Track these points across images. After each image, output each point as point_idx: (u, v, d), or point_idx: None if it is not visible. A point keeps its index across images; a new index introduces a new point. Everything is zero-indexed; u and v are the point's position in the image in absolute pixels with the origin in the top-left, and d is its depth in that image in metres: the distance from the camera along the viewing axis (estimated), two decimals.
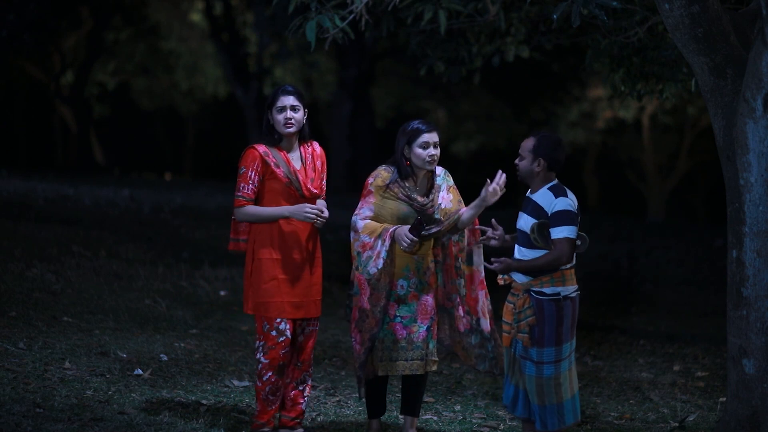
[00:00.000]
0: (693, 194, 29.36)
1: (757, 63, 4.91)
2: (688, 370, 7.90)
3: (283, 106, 5.18)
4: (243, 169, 5.16)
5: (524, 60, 9.54)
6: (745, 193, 5.05)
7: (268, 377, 5.16)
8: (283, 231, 5.17)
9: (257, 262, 5.17)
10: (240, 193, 5.15)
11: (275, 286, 5.13)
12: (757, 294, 5.05)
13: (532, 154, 4.93)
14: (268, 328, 5.15)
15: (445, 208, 5.25)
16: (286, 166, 5.18)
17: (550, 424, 4.89)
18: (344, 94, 21.42)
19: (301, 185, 5.19)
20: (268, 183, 5.17)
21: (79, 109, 25.02)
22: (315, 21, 6.20)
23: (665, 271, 14.45)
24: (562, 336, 4.86)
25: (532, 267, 4.86)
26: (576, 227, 4.86)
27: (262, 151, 5.17)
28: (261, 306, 5.14)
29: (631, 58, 7.63)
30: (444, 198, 5.27)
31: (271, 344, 5.14)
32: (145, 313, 8.28)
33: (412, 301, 5.19)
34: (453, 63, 8.62)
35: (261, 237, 5.18)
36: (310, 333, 5.31)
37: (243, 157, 5.19)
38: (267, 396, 5.18)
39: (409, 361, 5.19)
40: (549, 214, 4.85)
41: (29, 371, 6.03)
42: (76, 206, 13.76)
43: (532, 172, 4.94)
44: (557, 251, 4.81)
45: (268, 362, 5.14)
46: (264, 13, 17.15)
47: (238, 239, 5.33)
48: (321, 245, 5.41)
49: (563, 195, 4.88)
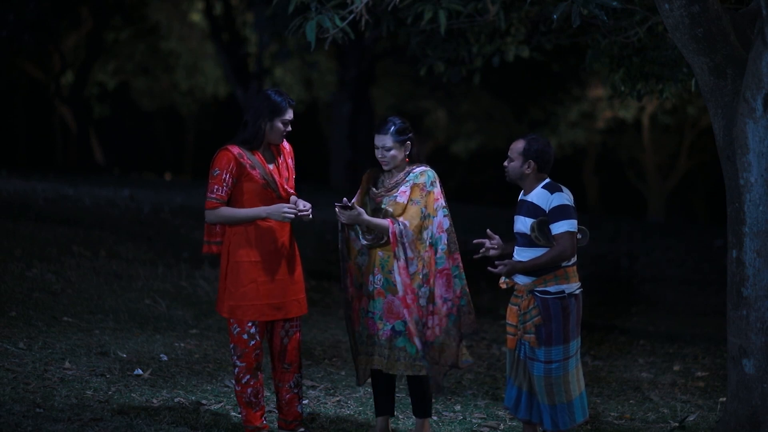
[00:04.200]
0: (693, 194, 29.37)
1: (757, 63, 4.91)
2: (688, 370, 7.90)
3: (289, 119, 5.12)
4: (217, 171, 5.03)
5: (524, 60, 9.54)
6: (745, 193, 5.06)
7: (247, 380, 5.11)
8: (259, 232, 5.07)
9: (233, 265, 5.08)
10: (213, 195, 5.02)
11: (253, 289, 5.05)
12: (757, 294, 5.05)
13: (522, 156, 4.96)
14: (239, 332, 5.08)
15: (399, 202, 5.17)
16: (262, 167, 5.08)
17: (562, 423, 4.91)
18: (344, 94, 21.40)
19: (277, 186, 5.11)
20: (245, 184, 5.06)
21: (79, 109, 25.01)
22: (315, 21, 6.20)
23: (665, 271, 14.45)
24: (569, 333, 4.89)
25: (536, 266, 4.86)
26: (576, 221, 4.87)
27: (237, 152, 5.06)
28: (237, 309, 5.06)
29: (631, 58, 7.64)
30: (402, 193, 5.18)
31: (243, 347, 5.08)
32: (145, 313, 8.28)
33: (378, 298, 5.18)
34: (453, 63, 8.63)
35: (237, 238, 5.08)
36: (293, 333, 5.22)
37: (217, 159, 5.06)
38: (250, 399, 5.14)
39: (380, 357, 5.19)
40: (547, 211, 4.86)
41: (29, 371, 6.03)
42: (76, 206, 13.76)
43: (522, 174, 4.98)
44: (560, 246, 4.82)
45: (245, 365, 5.09)
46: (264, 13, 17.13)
47: (211, 242, 5.19)
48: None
49: (558, 191, 4.91)
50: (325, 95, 25.34)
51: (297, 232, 5.36)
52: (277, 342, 5.22)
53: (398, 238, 5.07)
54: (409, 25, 7.72)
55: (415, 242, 5.10)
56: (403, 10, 7.39)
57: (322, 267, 11.10)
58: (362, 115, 21.51)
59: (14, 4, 16.19)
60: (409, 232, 5.09)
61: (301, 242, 5.53)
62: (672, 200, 27.95)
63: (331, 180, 21.89)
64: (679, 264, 14.98)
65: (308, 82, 25.77)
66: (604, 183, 30.31)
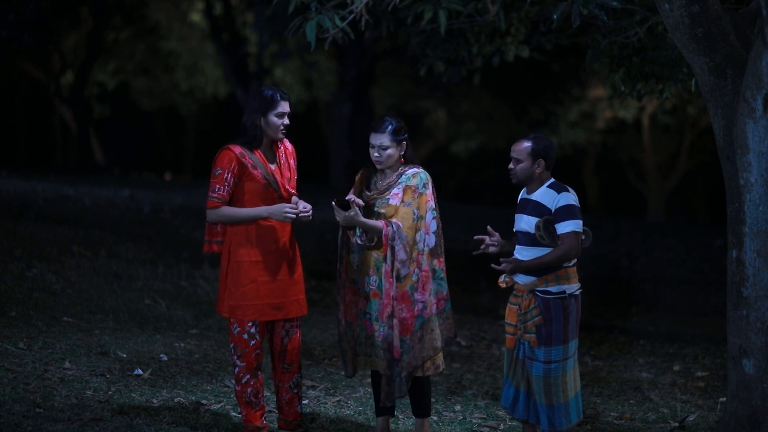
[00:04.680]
0: (693, 194, 29.37)
1: (757, 63, 4.91)
2: (688, 370, 7.90)
3: (284, 111, 5.11)
4: (219, 170, 5.04)
5: (524, 60, 9.54)
6: (745, 193, 5.06)
7: (247, 380, 5.12)
8: (260, 231, 5.08)
9: (234, 264, 5.08)
10: (215, 195, 5.03)
11: (254, 288, 5.06)
12: (757, 294, 5.05)
13: (531, 156, 4.94)
14: (239, 332, 5.08)
15: (391, 204, 5.17)
16: (264, 167, 5.09)
17: (558, 424, 4.92)
18: (344, 94, 21.40)
19: (279, 186, 5.11)
20: (246, 184, 5.06)
21: (79, 109, 25.00)
22: (315, 21, 6.20)
23: (665, 271, 14.45)
24: (569, 334, 4.90)
25: (540, 265, 4.86)
26: (581, 221, 4.88)
27: (238, 152, 5.06)
28: (238, 309, 5.07)
29: (631, 58, 7.64)
30: (395, 195, 5.18)
31: (244, 347, 5.09)
32: (145, 313, 8.28)
33: (374, 299, 5.17)
34: (453, 63, 8.63)
35: (237, 238, 5.08)
36: (293, 334, 5.23)
37: (219, 158, 5.07)
38: (250, 399, 5.15)
39: (377, 358, 5.20)
40: (553, 211, 4.86)
41: (29, 371, 6.03)
42: (76, 206, 13.76)
43: (533, 174, 4.96)
44: (565, 246, 4.82)
45: (245, 365, 5.10)
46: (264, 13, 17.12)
47: (212, 241, 5.20)
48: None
49: (565, 191, 4.92)
50: (325, 95, 25.34)
51: (297, 232, 5.36)
52: (278, 342, 5.22)
53: (389, 241, 5.07)
54: (409, 25, 7.72)
55: (410, 244, 5.11)
56: (403, 10, 7.39)
57: (322, 267, 11.09)
58: (362, 115, 21.49)
59: (14, 4, 16.19)
60: (402, 234, 5.08)
61: (301, 242, 5.52)
62: (672, 200, 27.95)
63: (331, 180, 21.89)
64: (679, 264, 14.98)
65: (308, 82, 25.76)
66: (604, 183, 30.31)
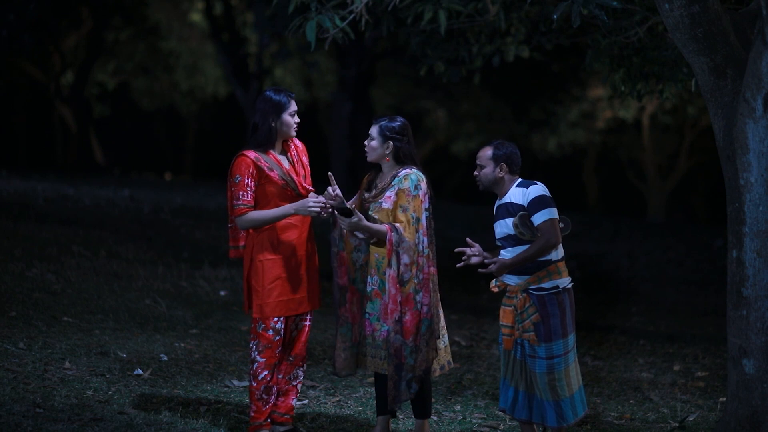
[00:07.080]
0: (693, 194, 29.37)
1: (757, 63, 4.91)
2: (688, 370, 7.90)
3: (295, 110, 5.23)
4: (239, 178, 5.11)
5: (524, 60, 9.56)
6: (745, 193, 5.06)
7: (264, 376, 5.18)
8: (281, 229, 5.18)
9: (257, 264, 5.17)
10: (240, 202, 5.11)
11: (279, 285, 5.15)
12: (757, 294, 5.05)
13: (493, 161, 5.07)
14: (264, 328, 5.16)
15: (384, 208, 5.18)
16: (279, 168, 5.17)
17: (567, 417, 4.98)
18: (344, 94, 21.39)
19: (297, 185, 5.21)
20: (266, 187, 5.15)
21: (79, 109, 25.00)
22: (315, 21, 6.21)
23: (665, 271, 14.45)
24: (567, 327, 4.97)
25: (525, 258, 4.93)
26: (556, 209, 4.93)
27: (253, 156, 5.14)
28: (266, 307, 5.15)
29: (631, 58, 7.64)
30: (387, 198, 5.19)
31: (266, 343, 5.16)
32: (145, 313, 8.28)
33: (375, 299, 5.19)
34: (453, 63, 8.63)
35: (259, 238, 5.18)
36: (303, 327, 5.34)
37: (235, 166, 5.13)
38: (261, 395, 5.20)
39: (374, 358, 5.21)
40: (526, 205, 4.95)
41: (29, 371, 6.03)
42: (76, 206, 13.76)
43: (495, 178, 5.09)
44: (546, 235, 4.90)
45: (264, 361, 5.17)
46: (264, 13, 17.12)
47: (237, 246, 5.34)
48: (322, 245, 5.44)
49: (533, 184, 5.02)
50: (325, 95, 25.34)
51: None
52: (287, 334, 5.30)
53: (394, 246, 5.09)
54: (409, 25, 7.72)
55: (412, 248, 5.11)
56: (403, 10, 7.40)
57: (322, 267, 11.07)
58: (362, 115, 21.48)
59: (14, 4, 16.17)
60: (404, 238, 5.09)
61: None
62: (672, 200, 27.94)
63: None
64: (679, 264, 14.98)
65: (308, 82, 25.77)
66: (604, 183, 30.32)
